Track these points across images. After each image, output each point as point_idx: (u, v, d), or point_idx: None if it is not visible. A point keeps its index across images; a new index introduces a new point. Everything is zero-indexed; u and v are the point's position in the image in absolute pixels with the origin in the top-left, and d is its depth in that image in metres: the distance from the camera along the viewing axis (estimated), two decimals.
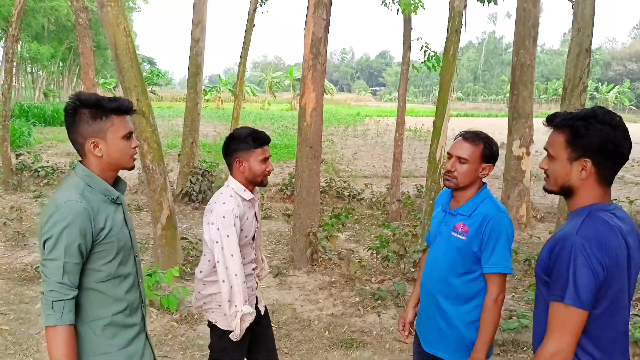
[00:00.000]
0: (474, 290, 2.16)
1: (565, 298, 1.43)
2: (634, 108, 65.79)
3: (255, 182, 2.40)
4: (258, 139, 2.36)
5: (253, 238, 2.52)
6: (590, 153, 1.49)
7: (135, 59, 4.99)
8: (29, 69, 49.68)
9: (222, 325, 2.39)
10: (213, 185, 9.29)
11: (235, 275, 2.25)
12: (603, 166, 1.50)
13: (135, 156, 1.83)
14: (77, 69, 47.50)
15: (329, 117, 33.88)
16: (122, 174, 1.92)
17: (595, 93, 63.32)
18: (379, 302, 4.84)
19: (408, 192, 10.29)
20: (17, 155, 11.51)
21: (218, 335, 2.43)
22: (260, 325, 2.58)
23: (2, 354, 3.74)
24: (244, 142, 2.34)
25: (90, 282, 1.70)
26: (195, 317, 4.46)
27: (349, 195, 9.98)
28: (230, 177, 2.43)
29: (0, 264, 5.72)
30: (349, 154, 17.72)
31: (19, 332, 4.09)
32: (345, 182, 10.74)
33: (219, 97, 47.66)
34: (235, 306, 2.26)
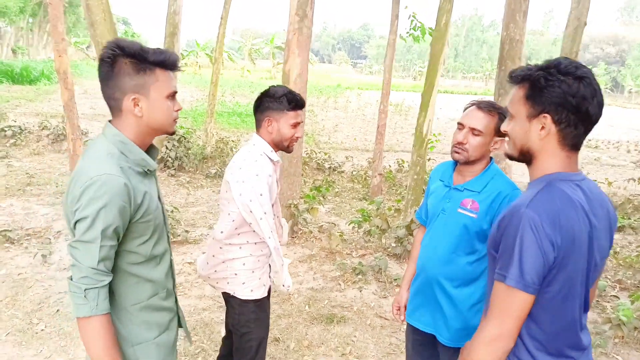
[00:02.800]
0: (478, 271, 2.02)
1: (508, 279, 1.25)
2: (609, 91, 66.95)
3: (280, 146, 2.28)
4: (293, 100, 2.21)
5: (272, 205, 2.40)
6: (549, 108, 1.30)
7: (109, 11, 4.62)
8: None
9: (242, 294, 2.27)
10: (190, 152, 8.99)
11: (272, 232, 2.19)
12: (565, 124, 1.30)
13: (177, 120, 1.60)
14: (48, 26, 45.38)
15: (309, 87, 33.26)
16: None
17: None
18: (360, 277, 4.74)
19: (390, 166, 10.18)
20: None
21: (238, 307, 2.30)
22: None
23: None
24: (278, 101, 2.20)
25: (124, 265, 1.50)
26: None
27: (330, 168, 9.82)
28: (255, 135, 2.28)
29: None
30: (330, 126, 17.50)
31: None
32: (326, 154, 10.56)
33: (197, 63, 46.40)
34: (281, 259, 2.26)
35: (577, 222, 1.27)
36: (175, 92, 1.55)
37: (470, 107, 2.05)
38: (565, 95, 1.27)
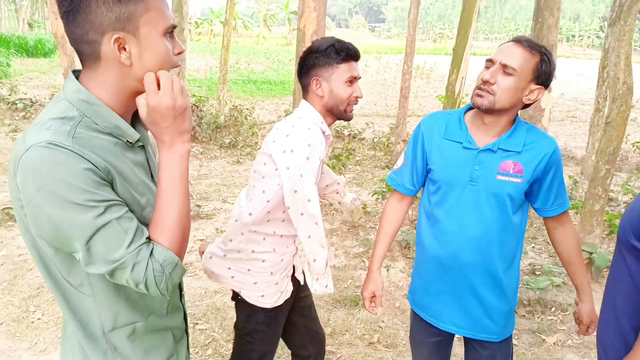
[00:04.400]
0: (516, 242, 1.68)
1: None
2: None
3: (337, 112, 1.77)
4: (343, 49, 1.71)
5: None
6: None
7: None
8: None
9: (251, 298, 1.80)
10: (202, 121, 8.59)
11: (317, 223, 1.67)
12: None
13: (179, 66, 1.15)
14: None
15: None
16: None
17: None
18: (387, 254, 4.33)
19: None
20: None
21: (246, 312, 1.83)
22: (301, 300, 2.03)
23: None
24: (324, 55, 1.71)
25: (101, 275, 1.03)
26: None
27: (349, 135, 9.33)
28: (303, 102, 1.79)
29: None
30: None
31: None
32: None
33: (211, 31, 45.61)
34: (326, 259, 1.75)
35: None
36: (174, 27, 1.07)
37: (506, 43, 1.56)
38: None
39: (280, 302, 1.82)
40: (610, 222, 4.60)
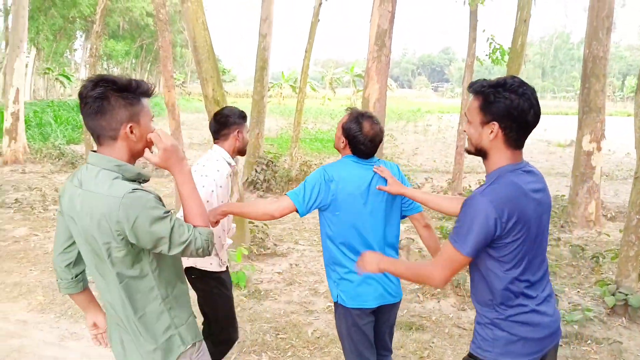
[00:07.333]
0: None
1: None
2: None
3: (241, 151, 2.86)
4: (245, 116, 2.88)
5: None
6: (497, 118, 1.65)
7: (212, 51, 5.31)
8: (104, 65, 52.77)
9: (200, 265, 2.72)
10: (277, 175, 9.64)
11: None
12: (509, 130, 1.65)
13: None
14: (149, 66, 50.03)
15: (389, 112, 33.59)
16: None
17: None
18: (439, 290, 4.91)
19: (470, 186, 10.17)
20: None
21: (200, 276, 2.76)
22: None
23: None
24: (239, 117, 2.81)
25: (163, 260, 1.71)
26: (262, 292, 4.74)
27: None
28: (216, 146, 2.79)
29: None
30: (410, 149, 17.63)
31: None
32: (405, 175, 10.78)
33: (281, 93, 48.53)
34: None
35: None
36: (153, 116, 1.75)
37: None
38: (509, 109, 1.63)
39: (222, 268, 2.79)
40: None
